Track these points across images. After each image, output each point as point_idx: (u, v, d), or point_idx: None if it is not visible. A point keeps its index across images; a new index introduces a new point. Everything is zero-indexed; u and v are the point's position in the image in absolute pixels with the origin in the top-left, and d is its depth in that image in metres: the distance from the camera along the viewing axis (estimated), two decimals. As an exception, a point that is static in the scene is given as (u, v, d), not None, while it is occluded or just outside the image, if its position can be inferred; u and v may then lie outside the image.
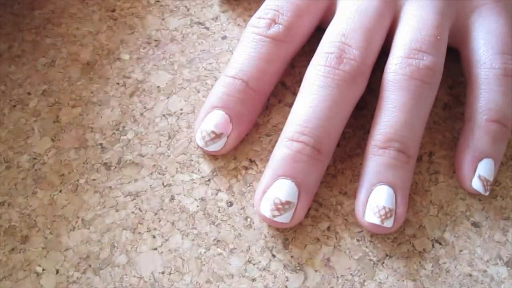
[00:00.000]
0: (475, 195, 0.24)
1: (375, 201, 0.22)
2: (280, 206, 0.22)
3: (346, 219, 0.23)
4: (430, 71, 0.23)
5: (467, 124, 0.24)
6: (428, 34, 0.24)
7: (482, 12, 0.26)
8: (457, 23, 0.26)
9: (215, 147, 0.24)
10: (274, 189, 0.22)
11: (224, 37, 0.29)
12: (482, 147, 0.23)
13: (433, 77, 0.23)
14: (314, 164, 0.22)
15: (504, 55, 0.24)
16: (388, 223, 0.22)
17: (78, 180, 0.24)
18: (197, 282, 0.21)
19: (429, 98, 0.23)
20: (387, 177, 0.22)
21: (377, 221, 0.22)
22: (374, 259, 0.22)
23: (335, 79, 0.23)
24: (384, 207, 0.22)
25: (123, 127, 0.25)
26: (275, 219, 0.22)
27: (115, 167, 0.24)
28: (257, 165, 0.25)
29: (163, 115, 0.26)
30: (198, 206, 0.23)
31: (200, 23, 0.29)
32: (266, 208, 0.22)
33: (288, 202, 0.22)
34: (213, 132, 0.23)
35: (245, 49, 0.25)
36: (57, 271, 0.22)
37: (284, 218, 0.22)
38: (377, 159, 0.22)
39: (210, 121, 0.24)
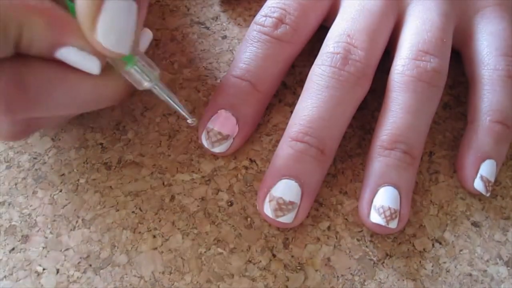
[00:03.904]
0: (475, 194, 0.24)
1: (381, 201, 0.22)
2: (283, 207, 0.22)
3: (346, 219, 0.23)
4: (437, 73, 0.23)
5: (470, 125, 0.24)
6: (435, 37, 0.24)
7: (485, 14, 0.26)
8: (460, 25, 0.26)
9: (221, 148, 0.24)
10: (278, 189, 0.22)
11: (224, 37, 0.29)
12: (486, 148, 0.23)
13: (440, 80, 0.23)
14: (317, 165, 0.22)
15: (507, 57, 0.24)
16: (393, 224, 0.22)
17: (78, 180, 0.24)
18: (197, 282, 0.21)
19: (434, 101, 0.23)
20: (392, 178, 0.22)
21: (382, 221, 0.22)
22: (374, 258, 0.22)
23: (340, 80, 0.23)
24: (390, 208, 0.22)
25: (124, 126, 0.25)
26: (278, 219, 0.22)
27: (116, 166, 0.24)
28: (257, 164, 0.25)
29: (163, 115, 0.26)
30: (198, 206, 0.23)
31: (200, 23, 0.29)
32: (269, 208, 0.22)
33: (291, 203, 0.22)
34: (219, 133, 0.23)
35: (251, 48, 0.24)
36: (58, 271, 0.22)
37: (287, 219, 0.22)
38: (382, 159, 0.22)
39: (217, 122, 0.24)
